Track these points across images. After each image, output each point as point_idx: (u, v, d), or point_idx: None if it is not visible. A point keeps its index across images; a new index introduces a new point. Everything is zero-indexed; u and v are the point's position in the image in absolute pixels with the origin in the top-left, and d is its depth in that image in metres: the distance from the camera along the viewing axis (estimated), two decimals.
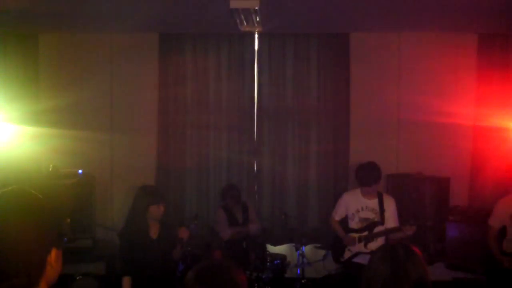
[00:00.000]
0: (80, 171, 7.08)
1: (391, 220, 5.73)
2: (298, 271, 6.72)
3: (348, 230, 5.89)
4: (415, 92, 7.23)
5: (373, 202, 5.77)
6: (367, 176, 5.75)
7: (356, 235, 5.81)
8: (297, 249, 6.67)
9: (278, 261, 6.51)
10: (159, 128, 7.49)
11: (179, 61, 7.45)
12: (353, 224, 5.85)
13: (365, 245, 5.75)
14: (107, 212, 7.54)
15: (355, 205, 5.85)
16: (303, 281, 6.77)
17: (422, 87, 7.24)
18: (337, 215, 6.02)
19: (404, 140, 7.36)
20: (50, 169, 5.79)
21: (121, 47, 7.54)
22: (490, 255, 5.71)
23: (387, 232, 5.72)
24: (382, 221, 5.73)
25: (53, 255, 1.84)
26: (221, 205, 6.90)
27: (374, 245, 5.62)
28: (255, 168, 7.52)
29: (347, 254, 5.93)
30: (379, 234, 5.74)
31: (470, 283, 6.91)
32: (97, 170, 7.42)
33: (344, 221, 5.98)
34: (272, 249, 7.28)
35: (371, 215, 5.77)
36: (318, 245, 6.96)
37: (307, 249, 6.82)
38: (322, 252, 6.91)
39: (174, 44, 7.44)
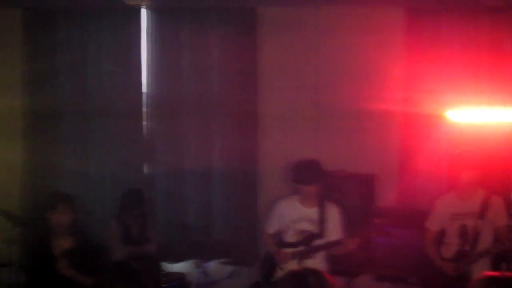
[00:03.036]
0: None
1: (333, 232, 5.16)
2: None
3: (282, 244, 5.27)
4: (335, 74, 6.65)
5: (312, 211, 5.19)
6: (306, 172, 5.06)
7: (291, 250, 5.20)
8: (197, 267, 6.32)
9: (176, 282, 6.21)
10: (26, 123, 6.77)
11: (49, 43, 6.78)
12: (288, 237, 5.24)
13: (300, 262, 5.10)
14: None
15: (291, 215, 5.25)
16: None
17: (343, 69, 6.63)
18: (270, 227, 5.40)
19: (323, 131, 6.74)
20: None
21: None
22: (428, 261, 5.40)
23: (326, 247, 5.15)
24: (321, 234, 5.14)
25: None
26: (115, 215, 6.07)
27: (311, 262, 5.02)
28: (145, 170, 6.84)
29: (280, 274, 5.24)
30: (317, 249, 5.14)
31: None
32: None
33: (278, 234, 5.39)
34: (169, 268, 6.64)
35: (309, 227, 5.19)
36: (224, 260, 6.49)
37: (211, 265, 6.42)
38: (229, 269, 6.50)
39: (43, 21, 6.75)
